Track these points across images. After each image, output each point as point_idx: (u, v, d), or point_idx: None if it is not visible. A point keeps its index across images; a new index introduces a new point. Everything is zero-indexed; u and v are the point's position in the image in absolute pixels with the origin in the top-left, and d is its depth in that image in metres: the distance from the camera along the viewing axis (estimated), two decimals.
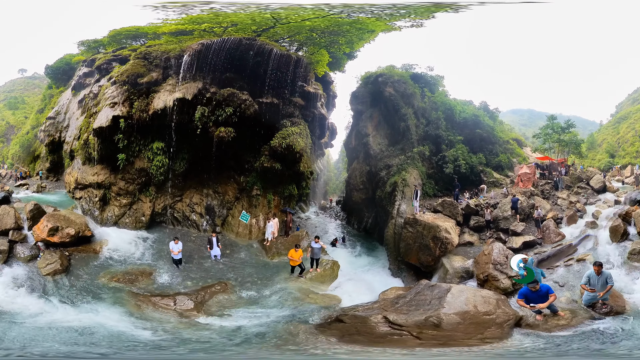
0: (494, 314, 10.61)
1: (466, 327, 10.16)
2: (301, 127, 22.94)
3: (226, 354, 9.08)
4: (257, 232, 23.44)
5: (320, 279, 16.69)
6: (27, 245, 17.21)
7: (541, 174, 28.19)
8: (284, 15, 22.75)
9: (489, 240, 19.24)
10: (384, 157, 29.20)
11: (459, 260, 17.76)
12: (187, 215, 23.91)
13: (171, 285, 16.15)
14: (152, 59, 23.72)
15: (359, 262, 23.57)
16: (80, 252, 18.14)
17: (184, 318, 12.40)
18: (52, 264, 15.98)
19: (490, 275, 14.89)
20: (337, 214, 37.03)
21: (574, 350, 8.44)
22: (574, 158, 50.39)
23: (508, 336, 9.91)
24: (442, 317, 10.43)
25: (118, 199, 23.40)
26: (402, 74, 31.76)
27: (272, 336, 10.05)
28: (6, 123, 74.99)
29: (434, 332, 10.13)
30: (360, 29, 24.51)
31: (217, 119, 21.27)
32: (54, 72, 43.48)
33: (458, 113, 29.49)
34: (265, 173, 22.85)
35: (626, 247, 15.37)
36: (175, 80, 22.27)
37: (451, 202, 21.39)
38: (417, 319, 10.55)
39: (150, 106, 21.83)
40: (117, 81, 23.37)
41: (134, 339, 9.96)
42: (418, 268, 19.10)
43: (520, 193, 23.07)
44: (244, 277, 17.28)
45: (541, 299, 10.06)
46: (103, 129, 22.20)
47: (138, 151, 22.70)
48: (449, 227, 19.12)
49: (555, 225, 20.08)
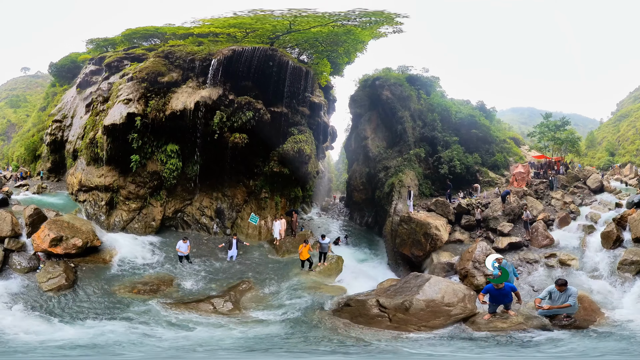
0: (453, 306, 11.34)
1: (425, 313, 11.23)
2: (307, 135, 23.94)
3: (304, 336, 10.35)
4: (266, 233, 24.17)
5: (327, 272, 18.15)
6: (25, 255, 15.25)
7: (536, 173, 27.45)
8: (297, 21, 23.47)
9: (477, 239, 19.15)
10: (382, 159, 29.89)
11: (447, 256, 18.41)
12: (197, 218, 23.95)
13: (198, 290, 15.62)
14: (174, 59, 22.97)
15: (361, 257, 24.72)
16: (87, 263, 16.24)
17: (234, 317, 12.54)
18: (55, 278, 14.01)
19: (468, 271, 15.51)
20: (340, 212, 38.34)
21: (472, 350, 8.76)
22: (572, 156, 49.17)
23: (442, 328, 10.74)
24: (413, 302, 11.52)
25: (127, 204, 22.12)
26: (398, 77, 31.76)
27: (308, 320, 11.82)
28: (7, 121, 73.80)
29: (403, 316, 11.40)
30: (354, 39, 25.69)
31: (233, 125, 21.55)
32: (59, 69, 42.53)
33: (454, 114, 29.44)
34: (273, 177, 23.83)
35: (618, 255, 14.39)
36: (195, 83, 21.97)
37: (443, 202, 21.58)
38: (396, 302, 11.87)
39: (167, 106, 21.12)
40: (134, 77, 22.18)
41: (224, 343, 9.69)
42: (412, 262, 20.06)
43: (512, 193, 22.46)
44: (262, 275, 17.94)
45: (503, 297, 10.16)
46: (116, 126, 20.74)
47: (151, 153, 21.76)
48: (439, 225, 19.78)
49: (544, 227, 19.18)
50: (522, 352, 8.37)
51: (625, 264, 13.37)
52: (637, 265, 13.20)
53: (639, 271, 13.08)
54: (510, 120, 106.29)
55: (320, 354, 8.70)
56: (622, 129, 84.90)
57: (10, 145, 54.88)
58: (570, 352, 7.88)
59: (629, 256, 13.50)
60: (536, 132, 40.91)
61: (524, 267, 16.48)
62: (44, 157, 35.88)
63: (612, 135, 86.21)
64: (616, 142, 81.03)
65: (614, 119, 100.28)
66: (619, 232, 15.19)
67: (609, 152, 76.43)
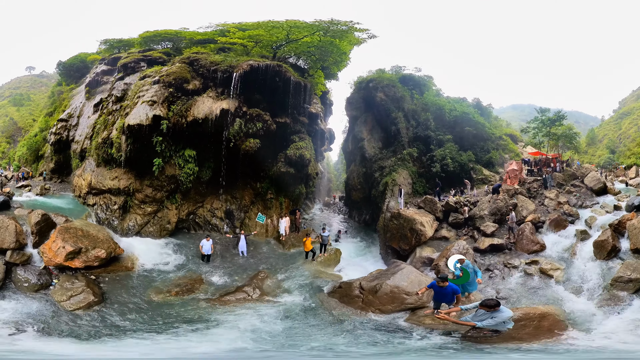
0: (410, 295, 12.22)
1: (388, 297, 12.48)
2: (307, 142, 26.08)
3: (311, 310, 13.11)
4: (272, 231, 25.68)
5: (327, 262, 20.21)
6: (32, 269, 12.96)
7: (529, 170, 26.29)
8: (293, 31, 24.93)
9: (462, 237, 18.46)
10: (378, 160, 30.84)
11: (429, 251, 18.88)
12: (208, 219, 24.75)
13: (226, 284, 16.66)
14: (199, 67, 23.36)
15: (357, 250, 26.58)
16: (109, 273, 14.70)
17: (266, 302, 14.13)
18: (80, 294, 12.09)
19: (440, 268, 15.90)
20: (340, 209, 40.00)
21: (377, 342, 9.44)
22: (570, 153, 47.45)
23: (393, 312, 11.87)
24: (382, 286, 12.84)
25: (142, 207, 21.71)
26: (391, 78, 31.56)
27: (315, 299, 14.32)
28: (10, 119, 71.70)
29: (372, 297, 12.91)
30: (337, 51, 27.25)
31: (248, 132, 22.94)
32: (67, 69, 41.61)
33: (448, 112, 29.09)
34: (278, 179, 25.85)
35: (612, 267, 12.29)
36: (214, 93, 22.70)
37: (431, 199, 21.66)
38: (371, 285, 13.33)
39: (189, 112, 21.53)
40: (161, 81, 22.11)
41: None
42: (400, 255, 20.79)
43: (503, 191, 21.49)
44: (273, 266, 19.78)
45: (442, 296, 9.84)
46: (142, 127, 20.27)
47: (169, 157, 21.76)
48: (424, 221, 20.33)
49: (532, 230, 17.16)
50: (390, 345, 9.00)
51: (621, 281, 11.04)
52: (636, 284, 10.78)
53: (637, 290, 10.70)
54: (511, 117, 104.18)
55: (320, 321, 11.72)
56: (624, 126, 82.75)
57: (18, 149, 52.86)
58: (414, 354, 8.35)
59: (626, 272, 11.08)
60: (530, 128, 38.10)
61: (500, 271, 15.63)
62: (47, 157, 34.21)
63: (613, 133, 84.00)
64: (617, 139, 78.57)
65: (615, 116, 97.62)
66: (615, 240, 13.03)
67: (609, 150, 74.08)
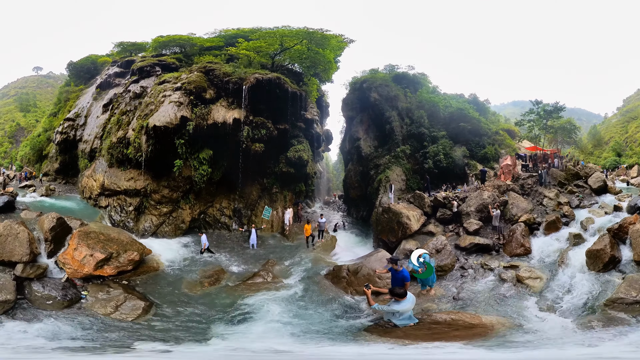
0: (382, 279, 13.56)
1: (364, 279, 14.07)
2: (304, 145, 28.38)
3: (315, 287, 15.24)
4: (278, 224, 26.95)
5: (325, 249, 22.25)
6: (51, 283, 10.64)
7: (524, 165, 24.48)
8: (285, 40, 26.54)
9: (448, 233, 18.77)
10: (373, 158, 31.71)
11: (413, 244, 19.03)
12: (217, 218, 25.81)
13: (244, 271, 18.54)
14: (213, 77, 24.77)
15: (352, 240, 27.95)
16: (138, 276, 14.23)
17: (277, 283, 16.08)
18: (125, 303, 10.56)
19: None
20: (340, 207, 41.43)
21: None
22: (571, 150, 44.98)
23: (359, 295, 13.48)
24: (358, 268, 14.93)
25: (158, 208, 21.98)
26: (384, 77, 31.09)
27: (314, 281, 16.17)
28: (16, 124, 70.41)
29: (353, 278, 14.73)
30: (325, 60, 28.40)
31: (254, 137, 24.83)
32: (77, 69, 40.97)
33: (443, 108, 28.52)
34: (282, 175, 28.26)
35: (609, 282, 9.72)
36: (226, 102, 24.20)
37: (420, 195, 22.07)
38: (354, 267, 15.33)
39: (209, 116, 23.02)
40: (183, 88, 23.18)
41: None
42: (389, 247, 21.13)
43: (492, 187, 19.86)
44: (280, 255, 21.76)
45: (395, 281, 10.20)
46: (168, 128, 20.37)
47: (185, 158, 22.38)
48: (411, 215, 20.50)
49: (524, 232, 15.23)
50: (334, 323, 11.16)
51: (619, 302, 8.20)
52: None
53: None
54: (512, 113, 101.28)
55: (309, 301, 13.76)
56: (631, 130, 79.18)
57: (20, 149, 51.63)
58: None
59: (629, 293, 7.99)
60: (525, 121, 34.36)
61: (475, 272, 14.65)
62: (52, 157, 32.65)
63: (620, 136, 79.88)
64: (624, 143, 74.72)
65: (620, 116, 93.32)
66: (614, 249, 10.52)
67: (615, 153, 70.46)
